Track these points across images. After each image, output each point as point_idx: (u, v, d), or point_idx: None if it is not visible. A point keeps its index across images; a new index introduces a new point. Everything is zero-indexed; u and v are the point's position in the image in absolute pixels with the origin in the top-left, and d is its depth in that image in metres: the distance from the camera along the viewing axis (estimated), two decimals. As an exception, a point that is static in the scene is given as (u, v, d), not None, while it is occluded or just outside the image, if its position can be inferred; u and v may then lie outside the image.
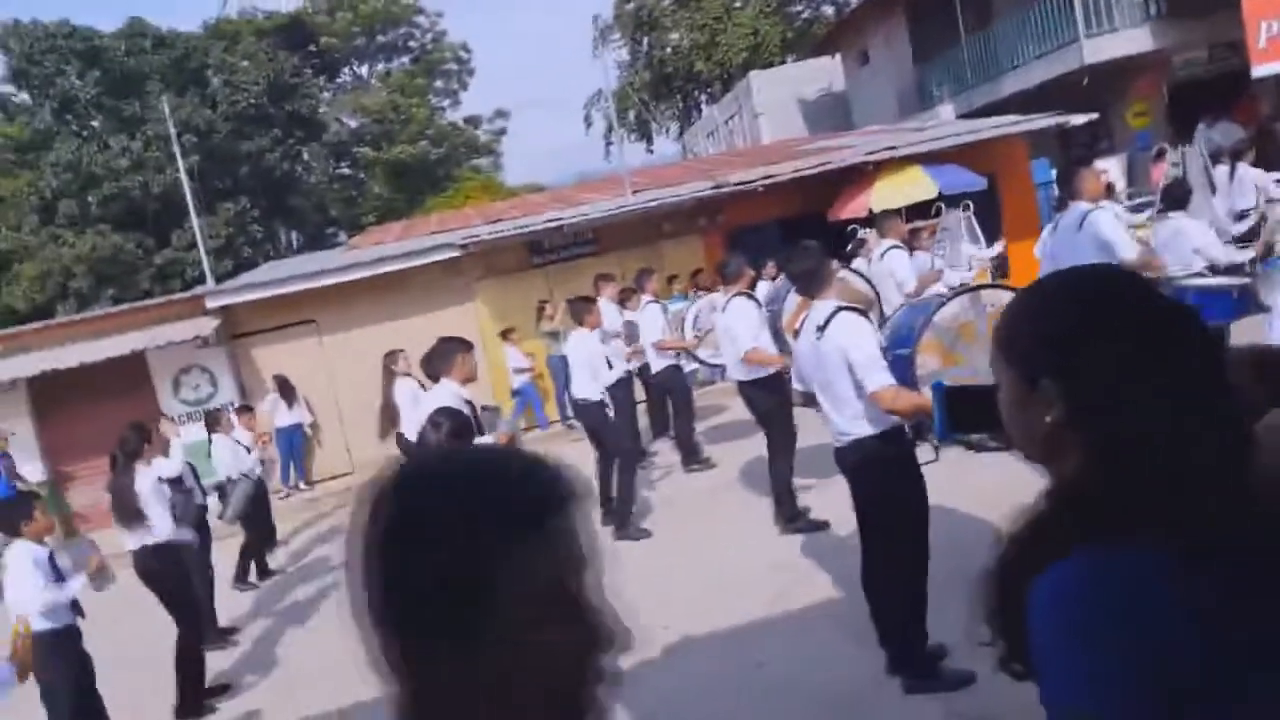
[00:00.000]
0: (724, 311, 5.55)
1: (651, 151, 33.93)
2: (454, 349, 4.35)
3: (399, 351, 6.92)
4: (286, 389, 9.82)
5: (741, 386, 5.52)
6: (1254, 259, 5.39)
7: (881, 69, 18.65)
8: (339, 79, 34.23)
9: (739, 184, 10.33)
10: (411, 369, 6.40)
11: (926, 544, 3.25)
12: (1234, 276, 5.46)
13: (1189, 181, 8.05)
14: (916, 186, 9.82)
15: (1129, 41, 12.92)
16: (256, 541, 6.87)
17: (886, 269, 6.59)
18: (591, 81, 47.47)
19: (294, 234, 30.33)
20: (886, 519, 3.32)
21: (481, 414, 4.27)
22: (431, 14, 33.80)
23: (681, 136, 32.59)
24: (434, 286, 10.20)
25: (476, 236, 10.08)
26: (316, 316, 10.20)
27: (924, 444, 3.56)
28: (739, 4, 28.52)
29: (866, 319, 3.34)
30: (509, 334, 9.89)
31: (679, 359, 7.39)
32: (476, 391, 4.63)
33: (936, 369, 3.05)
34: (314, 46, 31.71)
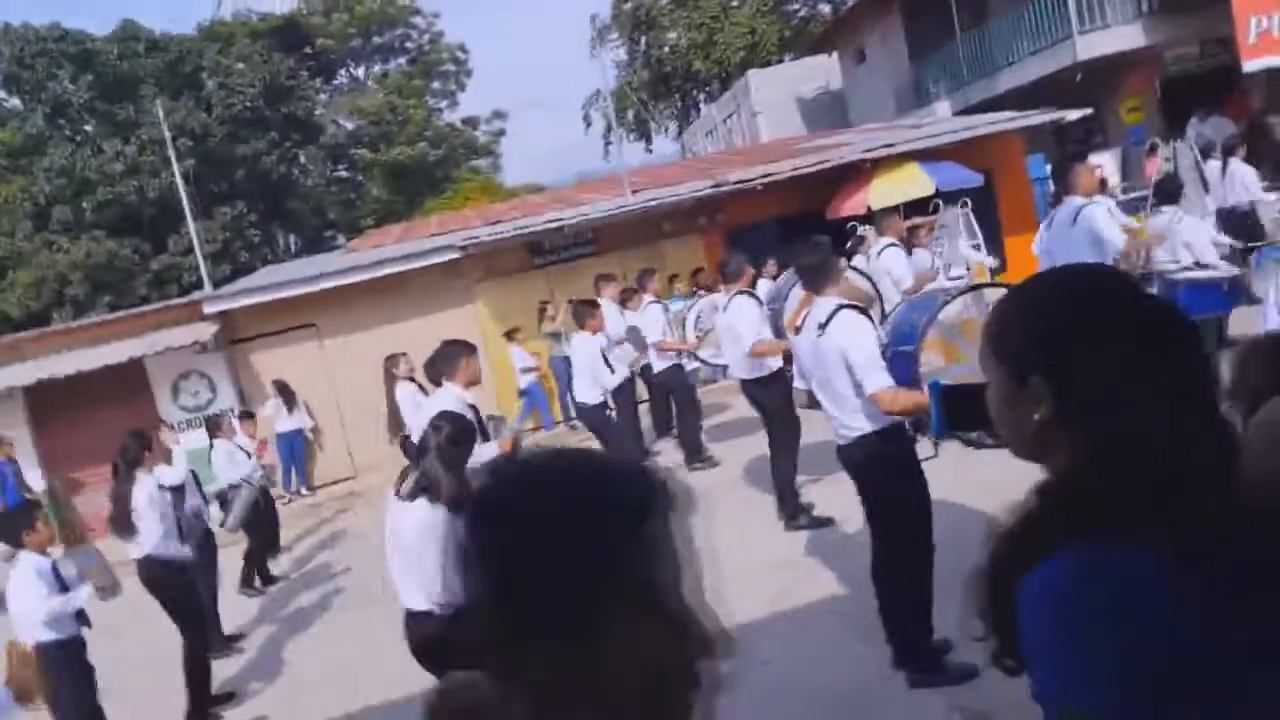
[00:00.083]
0: (725, 310, 5.57)
1: (650, 151, 33.98)
2: (458, 352, 4.34)
3: (400, 355, 6.93)
4: (287, 394, 9.82)
5: (745, 385, 5.54)
6: (1247, 250, 5.43)
7: (878, 67, 18.68)
8: (335, 81, 34.14)
9: (738, 183, 10.34)
10: (415, 372, 6.41)
11: (930, 540, 3.27)
12: (1224, 270, 5.51)
13: (1180, 177, 8.09)
14: (914, 183, 9.85)
15: (1121, 38, 12.97)
16: (260, 548, 6.86)
17: (883, 267, 6.62)
18: (590, 81, 47.51)
19: (292, 237, 30.26)
20: (888, 515, 3.35)
21: (486, 420, 4.28)
22: (428, 15, 33.76)
23: (680, 136, 32.59)
24: (434, 289, 10.20)
25: (476, 238, 10.08)
26: (316, 320, 10.20)
27: (924, 440, 3.58)
28: (736, 3, 28.53)
29: (868, 318, 3.36)
30: (514, 334, 9.89)
31: (681, 358, 7.41)
32: (480, 396, 4.63)
33: (941, 366, 3.07)
34: (310, 48, 31.62)
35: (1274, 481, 0.94)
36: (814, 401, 3.62)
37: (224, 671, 5.14)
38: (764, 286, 7.51)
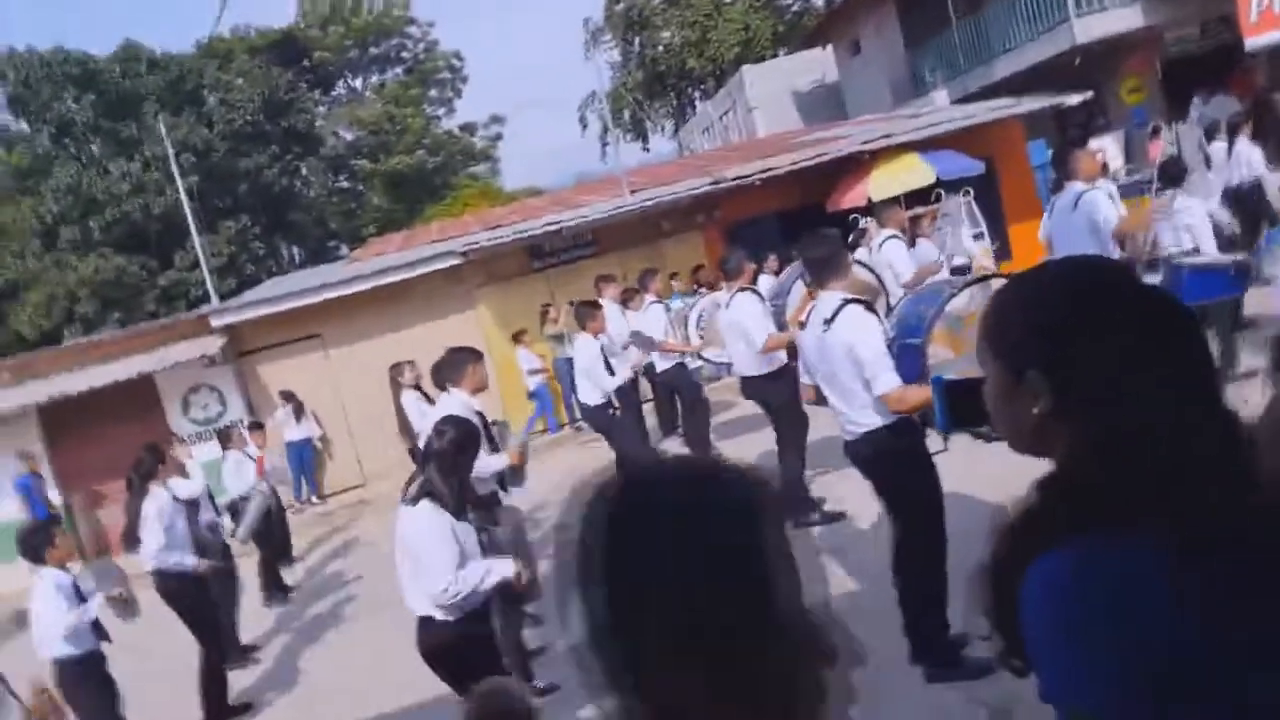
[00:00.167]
0: (728, 308, 5.56)
1: (647, 150, 33.97)
2: (464, 359, 4.34)
3: (404, 363, 6.95)
4: (294, 403, 9.88)
5: (751, 381, 5.52)
6: (1255, 229, 5.38)
7: (873, 58, 18.61)
8: (334, 93, 34.30)
9: (737, 179, 10.33)
10: (421, 379, 6.42)
11: (942, 533, 3.25)
12: (1224, 256, 5.46)
13: (1184, 159, 8.03)
14: (913, 174, 9.81)
15: (1119, 20, 12.87)
16: (272, 557, 6.90)
17: (885, 259, 6.59)
18: (585, 83, 47.49)
19: (296, 249, 30.41)
20: (899, 510, 3.33)
21: (493, 427, 4.28)
22: (423, 24, 33.93)
23: (677, 134, 32.57)
24: (436, 295, 10.23)
25: (476, 243, 10.10)
26: (321, 330, 10.24)
27: (934, 432, 3.56)
28: (728, 0, 28.51)
29: (873, 313, 3.34)
30: (521, 336, 9.91)
31: (684, 357, 7.40)
32: (486, 401, 4.63)
33: (950, 359, 3.05)
34: (307, 61, 31.78)
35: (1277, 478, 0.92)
36: (822, 397, 3.61)
37: (241, 682, 5.17)
38: (765, 282, 7.49)
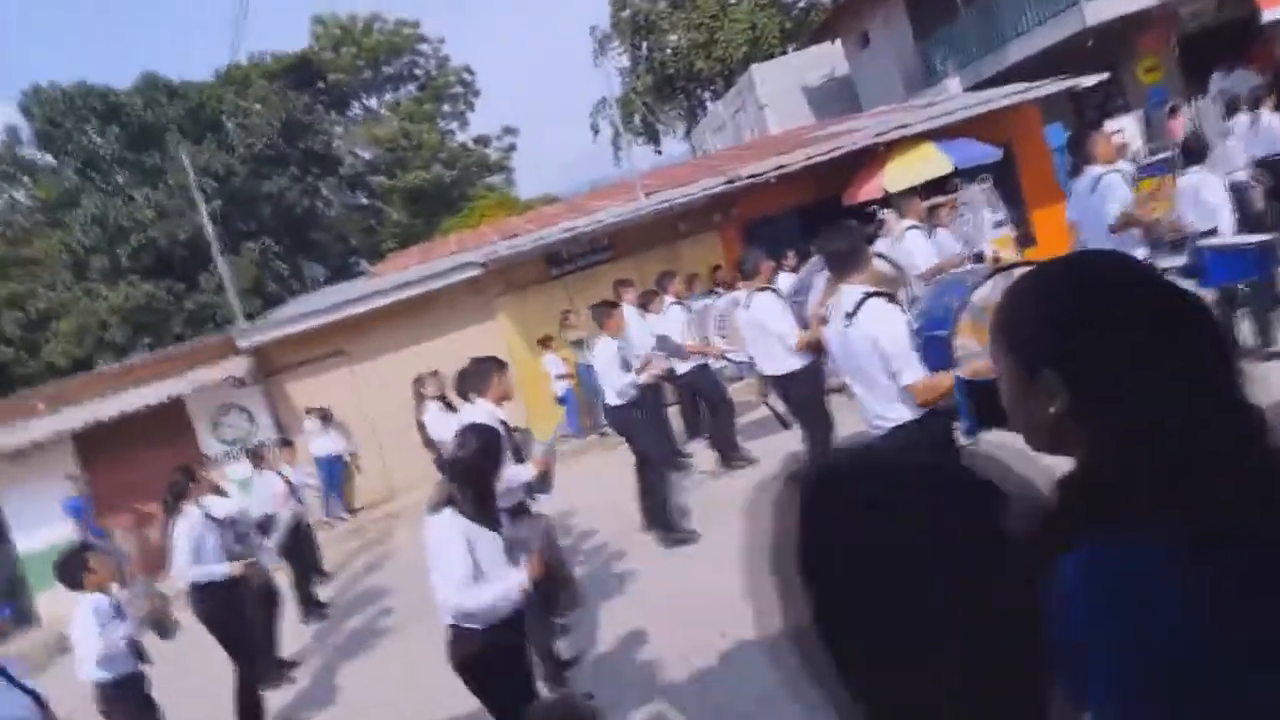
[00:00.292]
0: (748, 308, 5.54)
1: (660, 153, 33.95)
2: (489, 369, 4.35)
3: (427, 375, 7.02)
4: (325, 419, 10.01)
5: (776, 380, 5.49)
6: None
7: (883, 49, 18.47)
8: (349, 112, 34.77)
9: (751, 177, 10.29)
10: (445, 389, 6.47)
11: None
12: (1258, 229, 5.33)
13: (1205, 135, 7.86)
14: (930, 163, 9.71)
15: (1132, -2, 12.64)
16: (303, 573, 6.97)
17: (905, 250, 6.53)
18: (595, 90, 47.68)
19: (318, 267, 30.81)
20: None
21: (515, 434, 4.29)
22: (434, 40, 34.26)
23: (689, 135, 32.56)
24: (457, 306, 10.32)
25: (495, 253, 10.17)
26: (346, 346, 10.37)
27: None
28: (734, 0, 28.48)
29: (896, 304, 3.30)
30: (548, 342, 9.94)
31: (706, 358, 7.36)
32: (510, 409, 4.65)
33: (977, 349, 3.01)
34: (322, 83, 32.28)
35: None
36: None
37: (279, 699, 5.22)
38: (784, 279, 7.44)
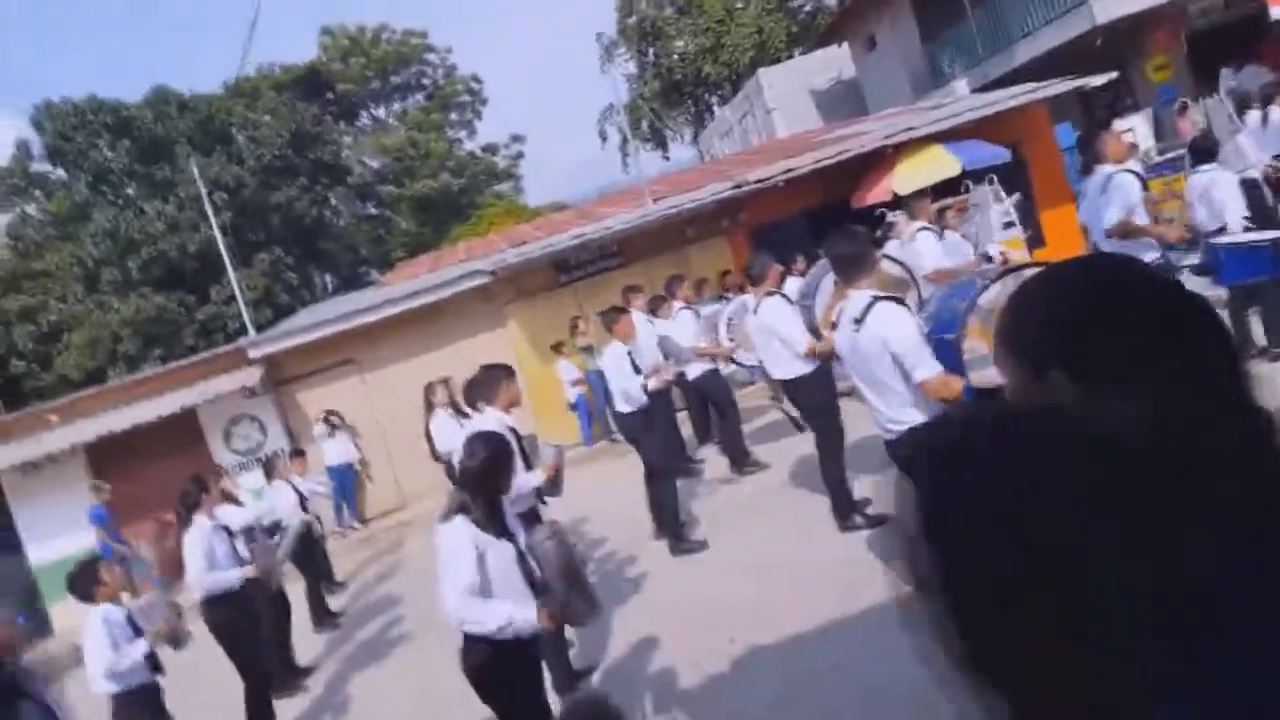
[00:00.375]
0: (757, 313, 5.51)
1: (668, 159, 34.00)
2: (497, 376, 4.35)
3: (437, 383, 7.02)
4: (332, 425, 10.04)
5: (785, 385, 5.46)
6: None
7: (890, 52, 18.45)
8: (358, 122, 35.01)
9: (759, 181, 10.28)
10: (455, 396, 6.48)
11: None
12: (1270, 231, 5.27)
13: (1215, 133, 7.79)
14: (939, 165, 9.67)
15: (1141, -4, 12.57)
16: (314, 581, 6.98)
17: (915, 251, 6.50)
18: (602, 97, 47.82)
19: (328, 277, 31.00)
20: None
21: (523, 440, 4.28)
22: (441, 50, 34.49)
23: (696, 140, 32.61)
24: (466, 314, 10.34)
25: (504, 260, 10.19)
26: (356, 356, 10.40)
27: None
28: (740, 4, 28.52)
29: (905, 307, 3.28)
30: (560, 347, 9.95)
31: (716, 362, 7.34)
32: (519, 416, 4.64)
33: (985, 353, 3.00)
34: (331, 94, 32.53)
35: None
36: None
37: (292, 710, 5.22)
38: (792, 284, 7.42)
